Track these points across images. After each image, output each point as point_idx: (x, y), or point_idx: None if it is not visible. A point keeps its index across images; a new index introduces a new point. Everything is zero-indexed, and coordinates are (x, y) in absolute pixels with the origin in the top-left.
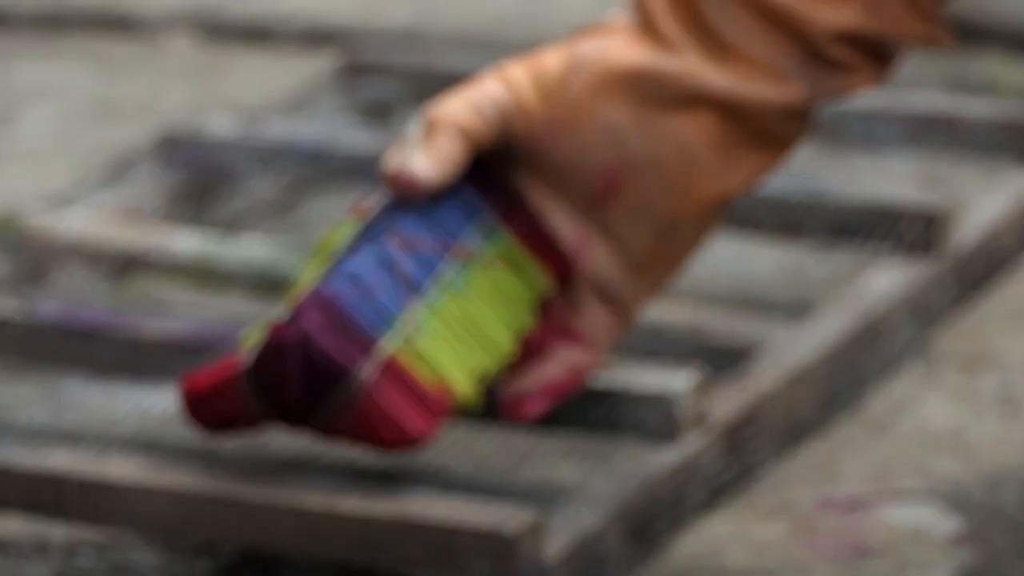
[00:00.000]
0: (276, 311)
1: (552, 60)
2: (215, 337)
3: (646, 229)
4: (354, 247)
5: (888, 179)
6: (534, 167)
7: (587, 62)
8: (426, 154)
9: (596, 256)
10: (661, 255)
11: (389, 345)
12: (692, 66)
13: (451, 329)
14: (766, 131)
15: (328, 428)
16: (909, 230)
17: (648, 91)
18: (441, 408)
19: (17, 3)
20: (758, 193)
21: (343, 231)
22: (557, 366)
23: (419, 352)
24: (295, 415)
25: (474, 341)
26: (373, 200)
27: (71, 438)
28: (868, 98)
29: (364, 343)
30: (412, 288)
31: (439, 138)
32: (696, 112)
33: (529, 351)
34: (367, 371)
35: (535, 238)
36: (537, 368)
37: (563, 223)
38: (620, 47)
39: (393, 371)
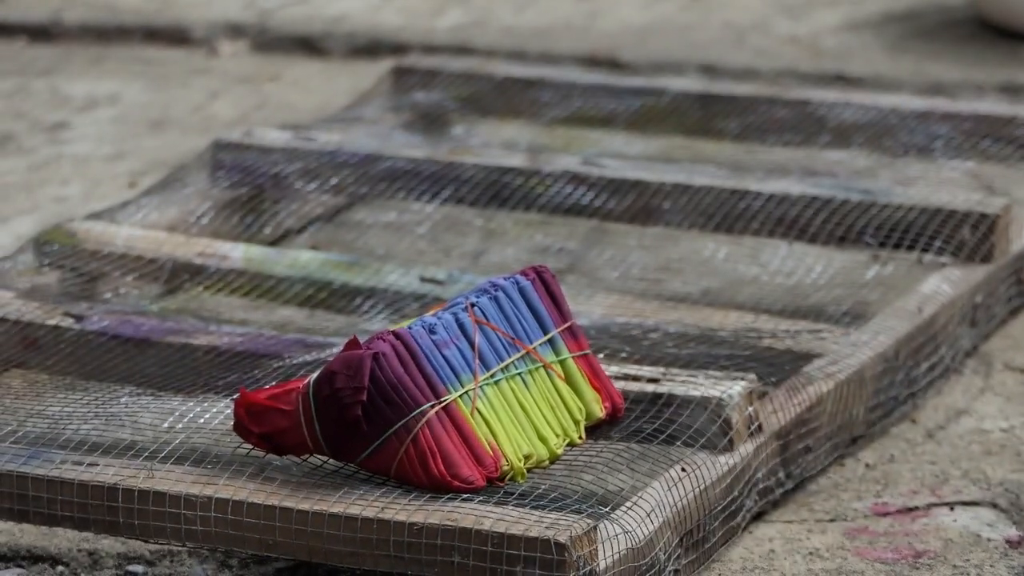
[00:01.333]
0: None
1: None
2: (265, 347)
3: None
4: (433, 314)
5: (943, 184)
6: None
7: None
8: None
9: None
10: None
11: (451, 395)
12: None
13: (508, 409)
14: None
15: (378, 454)
16: (965, 235)
17: None
18: (490, 468)
19: (68, 16)
20: (813, 199)
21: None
22: None
23: (478, 412)
24: (348, 437)
25: (526, 428)
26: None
27: (122, 450)
28: (922, 102)
29: (429, 382)
30: (480, 358)
31: None
32: None
33: None
34: (428, 407)
35: (594, 371)
36: None
37: None
38: None
39: (452, 416)
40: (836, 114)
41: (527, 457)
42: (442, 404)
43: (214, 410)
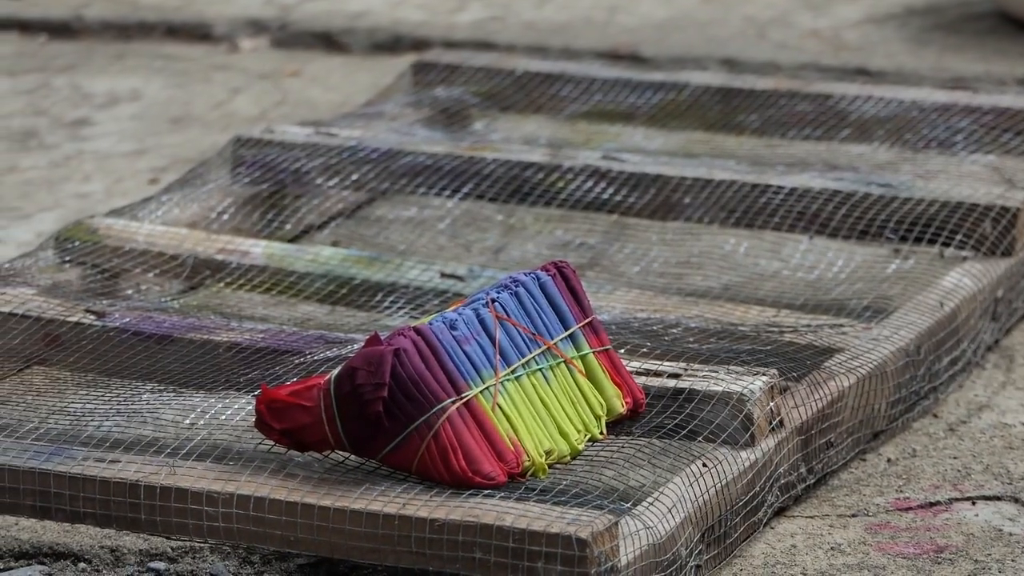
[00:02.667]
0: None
1: None
2: (287, 344)
3: None
4: (454, 310)
5: (964, 177)
6: None
7: None
8: None
9: None
10: None
11: (472, 391)
12: None
13: (529, 405)
14: None
15: (400, 451)
16: (986, 228)
17: None
18: (511, 464)
19: (89, 12)
20: (834, 193)
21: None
22: None
23: (499, 408)
24: (369, 433)
25: (547, 424)
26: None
27: (144, 447)
28: (944, 96)
29: (450, 378)
30: (501, 353)
31: None
32: None
33: None
34: (449, 403)
35: (615, 366)
36: None
37: None
38: None
39: (473, 412)
40: (857, 108)
41: (548, 453)
42: (463, 400)
43: (236, 406)
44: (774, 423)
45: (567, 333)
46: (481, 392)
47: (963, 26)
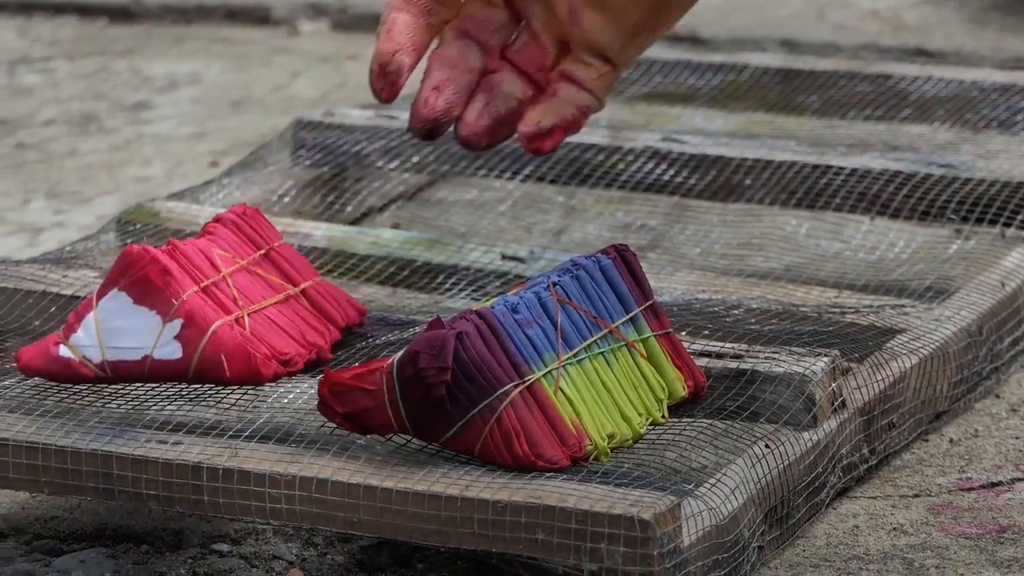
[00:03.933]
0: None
1: None
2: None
3: (638, 3)
4: (515, 293)
5: None
6: None
7: None
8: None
9: (590, 22)
10: (652, 22)
11: (535, 374)
12: None
13: (591, 388)
14: None
15: (462, 435)
16: None
17: None
18: (574, 447)
19: None
20: (895, 174)
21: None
22: (568, 106)
23: (561, 392)
24: (432, 417)
25: (609, 407)
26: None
27: (207, 429)
28: (1004, 76)
29: (513, 362)
30: (563, 337)
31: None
32: None
33: (540, 90)
34: (512, 387)
35: (676, 350)
36: (552, 105)
37: None
38: None
39: (536, 395)
40: (917, 88)
41: (610, 436)
42: (526, 384)
43: (298, 390)
44: (836, 404)
45: (628, 316)
46: (544, 376)
47: (1021, 7)
